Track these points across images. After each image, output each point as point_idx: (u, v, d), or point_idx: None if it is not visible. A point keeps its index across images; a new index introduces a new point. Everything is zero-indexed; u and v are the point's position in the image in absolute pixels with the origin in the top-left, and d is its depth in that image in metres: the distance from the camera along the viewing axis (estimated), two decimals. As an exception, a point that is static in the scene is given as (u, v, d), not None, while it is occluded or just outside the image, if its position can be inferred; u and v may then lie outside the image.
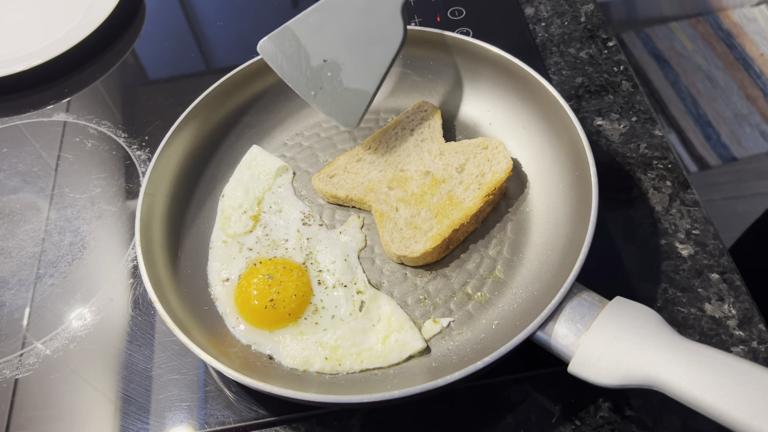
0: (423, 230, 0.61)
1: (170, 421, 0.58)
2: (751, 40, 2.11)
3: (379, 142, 0.69)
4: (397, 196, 0.65)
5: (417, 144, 0.68)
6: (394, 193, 0.65)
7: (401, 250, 0.61)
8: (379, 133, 0.71)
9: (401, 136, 0.69)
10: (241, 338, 0.59)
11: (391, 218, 0.63)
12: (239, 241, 0.65)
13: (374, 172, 0.67)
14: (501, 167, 0.63)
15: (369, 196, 0.65)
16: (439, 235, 0.60)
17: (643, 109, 0.76)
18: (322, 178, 0.68)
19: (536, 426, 0.55)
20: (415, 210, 0.63)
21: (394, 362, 0.56)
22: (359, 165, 0.68)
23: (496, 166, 0.63)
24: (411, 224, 0.62)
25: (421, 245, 0.60)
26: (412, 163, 0.67)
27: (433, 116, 0.70)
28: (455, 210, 0.62)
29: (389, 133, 0.70)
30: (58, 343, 0.64)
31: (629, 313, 0.49)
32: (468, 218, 0.61)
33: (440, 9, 0.90)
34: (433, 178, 0.65)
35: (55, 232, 0.74)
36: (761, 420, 0.41)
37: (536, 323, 0.50)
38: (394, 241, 0.61)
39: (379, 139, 0.70)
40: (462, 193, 0.63)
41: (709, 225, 0.65)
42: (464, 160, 0.65)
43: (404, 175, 0.66)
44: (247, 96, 0.74)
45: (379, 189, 0.65)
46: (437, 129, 0.69)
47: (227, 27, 0.96)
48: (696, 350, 0.45)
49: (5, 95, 0.89)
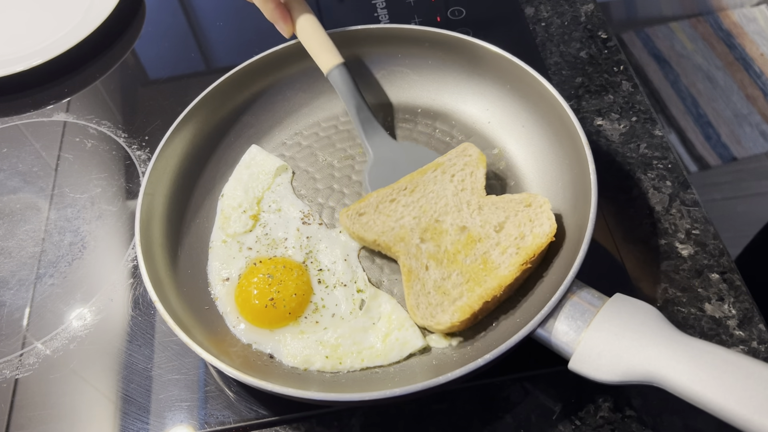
0: (452, 297, 0.56)
1: (170, 421, 0.58)
2: (751, 40, 2.11)
3: (416, 184, 0.64)
4: (428, 252, 0.59)
5: (456, 193, 0.62)
6: (425, 247, 0.59)
7: (426, 320, 0.56)
8: (418, 173, 0.65)
9: (441, 181, 0.64)
10: (241, 337, 0.59)
11: (420, 278, 0.58)
12: (239, 241, 0.65)
13: (407, 218, 0.62)
14: (543, 230, 0.57)
15: (399, 246, 0.60)
16: (469, 307, 0.54)
17: (643, 109, 0.76)
18: (351, 216, 0.63)
19: (536, 426, 0.55)
20: (446, 271, 0.57)
21: (394, 360, 0.57)
22: (392, 206, 0.63)
23: (538, 228, 0.57)
24: (440, 288, 0.57)
25: (447, 316, 0.55)
26: (449, 215, 0.61)
27: (478, 164, 0.64)
28: (489, 277, 0.56)
29: (428, 176, 0.64)
30: (58, 343, 0.64)
31: (629, 309, 0.49)
32: (501, 289, 0.55)
33: (440, 9, 0.90)
34: (469, 235, 0.59)
35: (55, 232, 0.74)
36: (762, 415, 0.41)
37: (536, 320, 0.50)
38: (419, 306, 0.57)
39: (417, 180, 0.64)
40: (498, 257, 0.57)
41: (709, 225, 0.65)
42: (504, 218, 0.59)
43: (439, 227, 0.61)
44: (246, 95, 0.74)
45: (410, 240, 0.60)
46: (480, 180, 0.63)
47: (227, 27, 0.96)
48: (696, 346, 0.46)
49: (5, 95, 0.89)
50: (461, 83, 0.73)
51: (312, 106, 0.76)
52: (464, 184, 0.63)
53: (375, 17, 0.90)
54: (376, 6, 0.92)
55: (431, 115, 0.75)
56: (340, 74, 0.70)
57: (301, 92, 0.76)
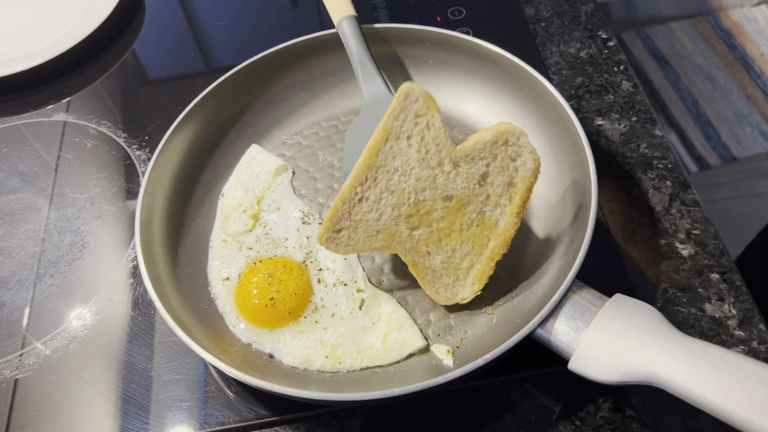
0: (464, 270, 0.54)
1: (170, 421, 0.58)
2: (752, 40, 2.11)
3: (375, 170, 0.54)
4: (423, 238, 0.54)
5: (422, 158, 0.53)
6: (418, 234, 0.54)
7: (451, 299, 0.55)
8: (369, 155, 0.53)
9: (398, 151, 0.53)
10: (241, 337, 0.59)
11: (427, 266, 0.55)
12: (239, 240, 0.65)
13: (386, 213, 0.54)
14: (528, 167, 0.53)
15: (393, 245, 0.55)
16: (484, 273, 0.54)
17: (643, 109, 0.76)
18: (330, 237, 0.54)
19: (536, 426, 0.55)
20: (447, 248, 0.54)
21: (394, 360, 0.57)
22: (364, 207, 0.54)
23: (523, 168, 0.53)
24: (450, 266, 0.55)
25: (468, 289, 0.54)
26: (427, 190, 0.54)
27: (429, 109, 0.53)
28: (491, 236, 0.54)
29: (384, 153, 0.53)
30: (58, 343, 0.64)
31: (629, 309, 0.49)
32: (507, 244, 0.54)
33: (440, 9, 0.90)
34: (456, 201, 0.54)
35: (55, 232, 0.74)
36: (761, 416, 0.41)
37: (536, 321, 0.50)
38: (439, 291, 0.55)
39: (373, 164, 0.54)
40: (492, 212, 0.54)
41: (709, 225, 0.65)
42: (485, 167, 0.54)
43: (422, 207, 0.54)
44: (246, 95, 0.74)
45: (400, 234, 0.54)
46: (439, 127, 0.53)
47: (227, 27, 0.96)
48: (696, 346, 0.46)
49: (5, 95, 0.89)
50: (461, 83, 0.73)
51: (312, 105, 0.76)
52: (425, 142, 0.53)
53: (375, 17, 0.90)
54: (376, 6, 0.92)
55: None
56: (348, 25, 0.69)
57: (302, 92, 0.76)
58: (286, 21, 0.95)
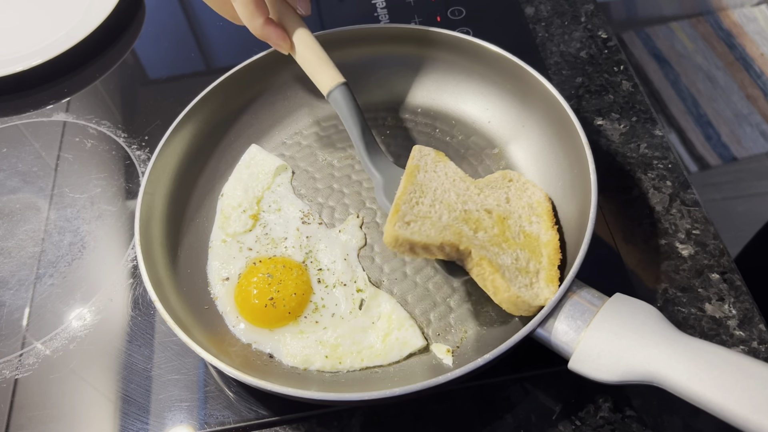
0: (533, 272, 0.54)
1: (170, 421, 0.58)
2: (752, 40, 2.11)
3: (418, 187, 0.59)
4: (486, 239, 0.55)
5: (453, 183, 0.60)
6: (481, 236, 0.55)
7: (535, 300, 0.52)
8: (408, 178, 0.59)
9: (432, 177, 0.60)
10: (241, 337, 0.59)
11: (500, 263, 0.54)
12: (239, 240, 0.65)
13: (444, 215, 0.56)
14: (540, 196, 0.61)
15: (463, 241, 0.53)
16: (553, 276, 0.54)
17: (643, 109, 0.76)
18: (401, 225, 0.54)
19: (536, 426, 0.55)
20: (512, 253, 0.55)
21: (394, 360, 0.57)
22: (423, 208, 0.57)
23: (534, 197, 0.61)
24: (520, 269, 0.54)
25: (547, 290, 0.53)
26: (468, 202, 0.58)
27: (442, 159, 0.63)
28: (542, 247, 0.56)
29: (419, 178, 0.60)
30: (57, 343, 0.64)
31: (629, 309, 0.49)
32: (559, 252, 0.56)
33: (440, 9, 0.90)
34: (497, 215, 0.58)
35: (54, 232, 0.74)
36: (761, 415, 0.41)
37: (536, 320, 0.50)
38: (521, 290, 0.52)
39: (414, 183, 0.59)
40: (530, 228, 0.58)
41: (709, 225, 0.65)
42: (504, 194, 0.61)
43: (472, 215, 0.57)
44: (246, 95, 0.74)
45: (465, 233, 0.55)
46: (455, 168, 0.62)
47: (227, 27, 0.96)
48: (696, 346, 0.46)
49: (5, 95, 0.89)
50: (461, 83, 0.73)
51: (312, 105, 0.76)
52: (448, 175, 0.61)
53: (375, 17, 0.90)
54: (376, 6, 0.92)
55: (431, 114, 0.74)
56: (341, 95, 0.65)
57: (301, 92, 0.76)
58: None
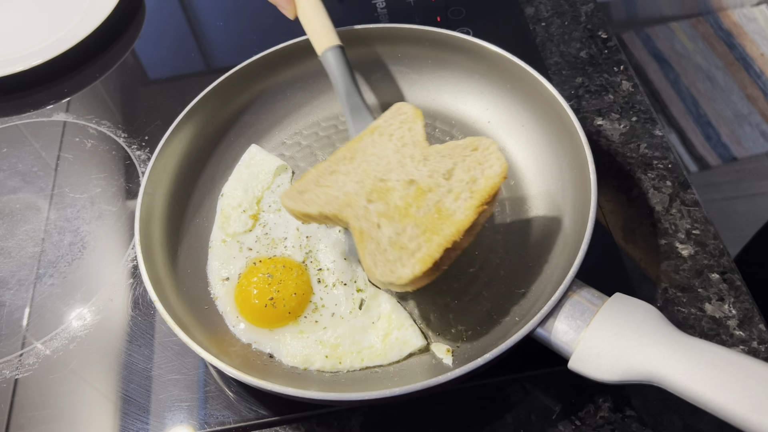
0: (410, 250, 0.52)
1: (170, 421, 0.58)
2: (752, 40, 2.11)
3: (354, 151, 0.60)
4: (378, 211, 0.55)
5: (398, 149, 0.59)
6: (374, 207, 0.56)
7: (386, 276, 0.52)
8: (355, 141, 0.62)
9: (379, 142, 0.60)
10: (241, 337, 0.59)
11: (373, 237, 0.54)
12: (239, 240, 0.65)
13: (350, 184, 0.58)
14: (494, 171, 0.54)
15: (345, 212, 0.56)
16: (429, 257, 0.51)
17: (643, 109, 0.76)
18: (292, 196, 0.58)
19: (536, 426, 0.55)
20: (399, 227, 0.54)
21: (394, 360, 0.57)
22: (333, 177, 0.59)
23: (489, 170, 0.55)
24: (396, 244, 0.53)
25: (408, 269, 0.51)
26: (393, 172, 0.58)
27: (414, 119, 0.61)
28: (445, 225, 0.53)
29: (365, 140, 0.61)
30: (58, 343, 0.64)
31: (629, 309, 0.49)
32: (461, 234, 0.52)
33: (440, 9, 0.90)
34: (417, 187, 0.56)
35: (54, 232, 0.74)
36: (761, 415, 0.41)
37: (536, 320, 0.50)
38: (377, 265, 0.52)
39: (354, 147, 0.61)
40: (452, 204, 0.54)
41: (709, 225, 0.65)
42: (452, 164, 0.57)
43: (385, 185, 0.57)
44: (246, 95, 0.74)
45: (356, 203, 0.56)
46: (419, 132, 0.60)
47: (227, 27, 0.96)
48: (696, 345, 0.46)
49: (5, 95, 0.89)
50: (461, 83, 0.73)
51: (312, 105, 0.76)
52: (404, 140, 0.60)
53: (375, 17, 0.90)
54: (376, 6, 0.92)
55: (431, 114, 0.74)
56: (333, 56, 0.66)
57: (301, 92, 0.76)
58: (286, 21, 0.95)
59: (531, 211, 0.65)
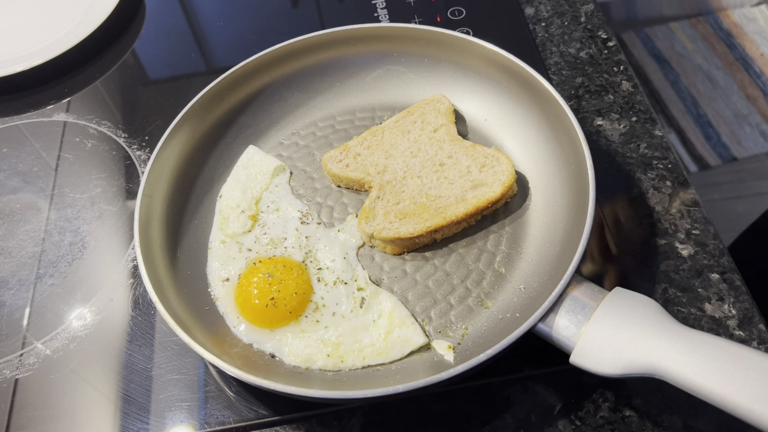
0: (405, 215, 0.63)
1: (170, 421, 0.58)
2: (751, 40, 2.11)
3: (390, 130, 0.70)
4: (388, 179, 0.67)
5: (430, 136, 0.69)
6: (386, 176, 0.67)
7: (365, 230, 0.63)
8: (392, 120, 0.71)
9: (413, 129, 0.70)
10: (242, 337, 0.59)
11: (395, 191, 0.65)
12: (238, 241, 0.65)
13: (381, 159, 0.68)
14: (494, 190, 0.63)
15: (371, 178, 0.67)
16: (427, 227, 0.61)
17: (643, 109, 0.76)
18: (333, 157, 0.69)
19: (536, 426, 0.55)
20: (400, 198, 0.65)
21: (396, 358, 0.57)
22: (368, 151, 0.69)
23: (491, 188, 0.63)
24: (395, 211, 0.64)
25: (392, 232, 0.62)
26: (419, 155, 0.68)
27: (447, 111, 0.70)
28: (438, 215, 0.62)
29: (402, 122, 0.71)
30: (58, 343, 0.64)
31: (629, 302, 0.49)
32: (447, 223, 0.62)
33: (440, 9, 0.90)
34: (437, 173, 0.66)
35: (55, 232, 0.74)
36: (762, 405, 0.41)
37: (537, 315, 0.50)
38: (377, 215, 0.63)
39: (391, 127, 0.71)
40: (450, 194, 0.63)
41: (709, 225, 0.65)
42: (469, 163, 0.65)
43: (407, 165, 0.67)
44: (243, 96, 0.74)
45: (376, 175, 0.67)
46: (451, 123, 0.69)
47: (227, 27, 0.96)
48: (696, 337, 0.46)
49: (5, 95, 0.89)
50: (461, 83, 0.73)
51: (309, 105, 0.76)
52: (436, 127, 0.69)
53: (375, 17, 0.90)
54: (376, 6, 0.92)
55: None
56: None
57: (298, 92, 0.76)
58: (285, 21, 0.95)
59: (530, 208, 0.65)
